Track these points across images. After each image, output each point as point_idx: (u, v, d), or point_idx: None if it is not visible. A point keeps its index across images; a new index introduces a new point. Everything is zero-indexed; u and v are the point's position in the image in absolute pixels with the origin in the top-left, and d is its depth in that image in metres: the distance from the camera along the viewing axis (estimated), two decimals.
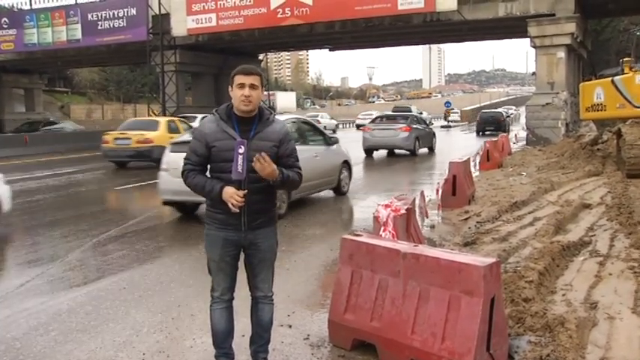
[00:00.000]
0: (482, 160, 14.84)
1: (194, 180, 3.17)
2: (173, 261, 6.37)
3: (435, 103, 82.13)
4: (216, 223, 3.21)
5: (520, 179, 11.92)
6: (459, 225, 7.87)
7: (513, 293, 4.42)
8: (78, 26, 32.63)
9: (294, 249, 6.75)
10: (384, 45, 38.71)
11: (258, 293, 3.35)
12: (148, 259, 6.45)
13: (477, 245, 6.47)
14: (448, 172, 9.33)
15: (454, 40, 36.31)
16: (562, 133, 21.32)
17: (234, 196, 3.04)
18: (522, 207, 8.79)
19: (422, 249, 3.53)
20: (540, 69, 22.55)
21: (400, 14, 24.91)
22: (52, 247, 7.22)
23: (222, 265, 3.24)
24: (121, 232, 7.91)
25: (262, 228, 3.23)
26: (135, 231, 7.99)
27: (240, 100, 3.08)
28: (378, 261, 3.58)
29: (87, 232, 8.00)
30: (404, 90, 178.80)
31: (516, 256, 5.86)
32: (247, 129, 3.12)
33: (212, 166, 3.17)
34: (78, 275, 5.88)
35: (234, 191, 3.05)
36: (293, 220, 8.46)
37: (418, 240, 5.34)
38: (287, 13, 26.73)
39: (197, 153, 3.17)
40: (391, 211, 4.71)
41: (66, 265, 6.25)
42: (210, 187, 3.11)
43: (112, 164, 17.15)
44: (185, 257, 6.51)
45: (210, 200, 3.21)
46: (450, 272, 3.19)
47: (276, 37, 29.35)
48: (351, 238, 3.82)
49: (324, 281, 5.52)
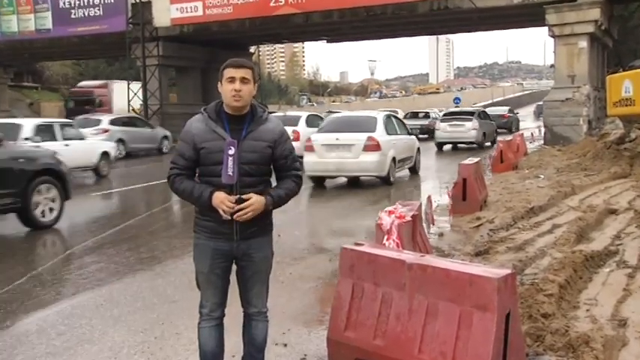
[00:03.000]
0: (495, 162, 14.86)
1: (181, 186, 3.15)
2: (156, 274, 6.36)
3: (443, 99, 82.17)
4: (205, 231, 3.20)
5: (537, 182, 11.93)
6: (469, 233, 7.87)
7: (531, 308, 4.42)
8: (48, 14, 32.33)
9: (288, 260, 6.73)
10: (386, 36, 38.82)
11: (252, 309, 3.34)
12: (128, 273, 6.43)
13: (490, 255, 6.47)
14: (457, 175, 9.35)
15: (464, 30, 36.40)
16: (584, 131, 21.29)
17: (225, 202, 3.03)
18: (540, 213, 8.80)
19: (429, 259, 3.52)
20: (560, 61, 22.54)
21: (404, 2, 25.00)
22: (20, 259, 7.20)
23: (212, 278, 3.23)
24: (98, 243, 7.89)
25: (256, 237, 3.23)
26: (114, 241, 7.98)
27: (230, 95, 3.07)
28: (381, 273, 3.57)
29: (60, 242, 7.98)
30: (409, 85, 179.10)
31: (534, 267, 5.86)
32: (239, 128, 3.11)
33: (201, 169, 3.17)
34: (49, 291, 5.85)
35: (225, 196, 3.04)
36: (287, 229, 8.45)
37: (425, 249, 5.34)
38: (280, 2, 26.80)
39: (184, 156, 3.15)
40: (395, 218, 4.70)
41: (36, 280, 6.21)
42: (199, 193, 3.10)
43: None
44: (170, 270, 6.50)
45: (199, 207, 3.20)
46: (461, 285, 3.18)
47: (269, 27, 29.39)
48: (351, 248, 3.81)
49: (323, 295, 5.51)
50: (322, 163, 12.62)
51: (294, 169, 3.28)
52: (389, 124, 13.55)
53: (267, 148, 3.14)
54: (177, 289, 5.75)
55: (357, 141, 12.39)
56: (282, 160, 3.22)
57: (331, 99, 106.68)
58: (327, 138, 12.75)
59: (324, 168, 12.67)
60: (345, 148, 12.46)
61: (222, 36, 31.22)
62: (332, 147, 12.54)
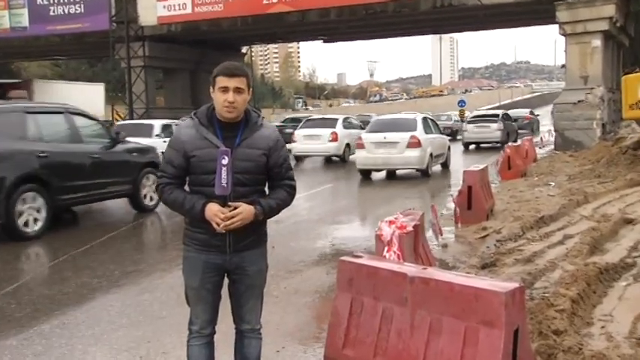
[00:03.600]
0: (502, 169, 14.89)
1: (171, 196, 3.15)
2: (142, 289, 6.35)
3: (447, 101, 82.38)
4: (196, 244, 3.20)
5: (547, 190, 11.96)
6: (475, 244, 7.89)
7: (541, 324, 4.41)
8: (24, 11, 32.11)
9: (283, 273, 6.73)
10: (387, 36, 39.03)
11: (245, 326, 3.34)
12: (112, 288, 6.42)
13: (497, 268, 6.47)
14: (462, 183, 9.37)
15: (469, 28, 36.63)
16: (597, 135, 21.35)
17: (218, 215, 3.03)
18: (550, 223, 8.81)
19: (432, 272, 3.53)
20: (571, 60, 22.57)
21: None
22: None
23: (203, 293, 3.23)
24: (79, 256, 7.87)
25: (250, 250, 3.23)
26: (97, 254, 7.96)
27: (222, 106, 3.07)
28: (381, 286, 3.58)
29: (38, 256, 7.96)
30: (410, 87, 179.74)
31: (544, 280, 5.86)
32: (232, 135, 3.11)
33: (191, 178, 3.17)
34: (26, 308, 5.81)
35: (218, 209, 3.04)
36: (281, 239, 8.44)
37: (428, 262, 5.35)
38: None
39: (173, 164, 3.15)
40: (396, 229, 4.71)
41: (11, 297, 6.18)
42: (191, 205, 3.10)
43: None
44: (156, 285, 6.49)
45: (190, 219, 3.20)
46: (466, 299, 3.18)
47: (262, 26, 29.49)
48: (349, 260, 3.82)
49: (319, 311, 5.51)
50: (371, 158, 15.75)
51: (288, 179, 3.27)
52: (426, 125, 16.62)
53: (262, 156, 3.15)
54: (164, 304, 5.74)
55: (402, 139, 15.47)
56: (277, 169, 3.22)
57: (328, 102, 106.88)
58: (375, 137, 15.83)
59: (373, 162, 15.82)
60: (391, 145, 15.56)
61: (213, 35, 31.34)
62: (380, 144, 15.62)
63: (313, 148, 21.27)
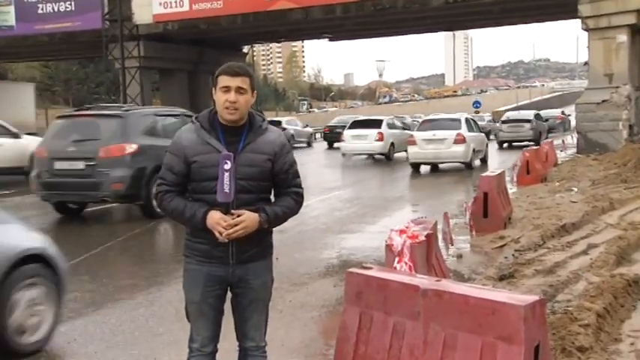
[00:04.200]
0: (520, 173, 14.88)
1: (171, 204, 3.16)
2: (137, 304, 6.36)
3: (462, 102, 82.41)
4: (197, 255, 3.21)
5: (570, 196, 11.94)
6: (492, 254, 7.89)
7: (564, 340, 4.41)
8: (10, 9, 31.94)
9: (287, 286, 6.73)
10: (396, 33, 39.05)
11: (248, 343, 3.34)
12: (105, 303, 6.43)
13: (516, 279, 6.47)
14: (477, 189, 9.36)
15: (484, 24, 36.63)
16: (624, 137, 21.25)
17: (220, 223, 3.04)
18: (573, 231, 8.81)
19: (446, 284, 3.53)
20: (595, 57, 22.46)
21: None
22: None
23: (205, 307, 3.24)
24: (71, 269, 7.87)
25: (254, 261, 3.24)
26: (90, 266, 7.98)
27: (224, 106, 3.09)
28: (392, 300, 3.58)
29: None
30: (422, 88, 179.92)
31: (567, 292, 5.85)
32: (235, 140, 3.13)
33: (192, 186, 3.18)
34: None
35: (220, 217, 3.05)
36: (286, 250, 8.46)
37: (441, 273, 5.35)
38: None
39: (173, 170, 3.16)
40: (407, 238, 4.71)
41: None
42: (192, 213, 3.11)
43: None
44: (153, 299, 6.50)
45: (191, 228, 3.21)
46: (482, 313, 3.18)
47: (264, 24, 29.61)
48: (358, 272, 3.82)
49: (326, 326, 5.52)
50: (422, 153, 19.36)
51: (295, 186, 3.27)
52: (469, 124, 20.21)
53: (267, 162, 3.16)
54: (162, 320, 5.75)
55: (449, 136, 18.91)
56: (283, 175, 3.23)
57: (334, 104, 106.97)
58: (426, 134, 19.47)
59: (424, 156, 19.45)
60: (440, 141, 19.02)
61: (212, 34, 31.45)
62: (430, 141, 19.15)
63: (361, 147, 24.43)
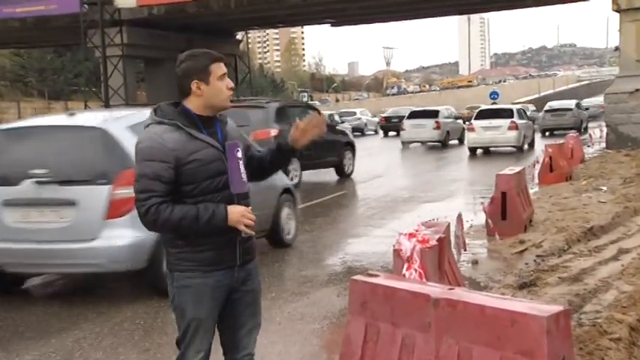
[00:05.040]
0: (543, 171, 14.87)
1: (174, 214, 3.06)
2: (122, 316, 6.35)
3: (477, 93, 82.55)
4: (202, 265, 3.16)
5: (598, 196, 11.92)
6: (511, 260, 7.87)
7: (592, 356, 4.40)
8: None
9: (286, 295, 6.75)
10: (405, 17, 39.08)
11: (241, 352, 3.35)
12: (85, 317, 6.42)
13: (538, 288, 6.45)
14: (495, 189, 9.34)
15: (502, 7, 36.63)
16: None
17: (246, 215, 3.12)
18: (602, 235, 8.79)
19: (460, 293, 3.52)
20: (626, 42, 22.33)
21: None
22: None
23: (210, 323, 3.24)
24: (49, 279, 7.89)
25: (252, 261, 3.36)
26: (66, 278, 7.97)
27: (227, 95, 3.22)
28: (400, 310, 3.58)
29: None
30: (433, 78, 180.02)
31: (595, 302, 5.84)
32: (213, 131, 3.24)
33: (188, 189, 3.11)
34: None
35: (243, 208, 3.14)
36: (285, 256, 8.45)
37: (455, 281, 5.34)
38: None
39: (162, 179, 3.07)
40: (417, 242, 4.71)
41: None
42: (210, 214, 3.06)
43: None
44: (139, 314, 6.47)
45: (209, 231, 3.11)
46: (500, 325, 3.17)
47: (260, 8, 29.64)
48: (363, 280, 3.82)
49: (329, 339, 5.52)
50: (480, 138, 25.04)
51: None
52: (519, 113, 26.27)
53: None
54: (148, 334, 5.74)
55: (504, 123, 24.65)
56: (250, 151, 3.43)
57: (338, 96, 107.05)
58: (483, 122, 25.08)
59: (481, 141, 25.09)
60: (496, 128, 24.66)
61: (202, 19, 31.47)
62: (487, 128, 24.75)
63: (420, 135, 29.85)
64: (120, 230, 6.41)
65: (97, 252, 6.45)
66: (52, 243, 6.51)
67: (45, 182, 6.49)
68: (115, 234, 6.41)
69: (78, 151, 6.76)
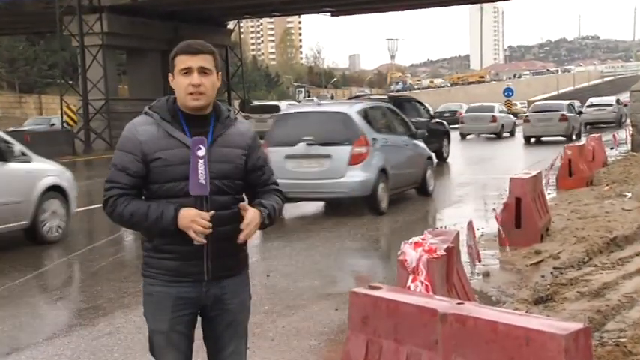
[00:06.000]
0: (561, 175, 14.88)
1: (128, 208, 3.10)
2: (99, 331, 6.35)
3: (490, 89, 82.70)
4: (163, 274, 3.18)
5: (622, 203, 11.93)
6: (526, 272, 7.88)
7: None
8: None
9: (280, 309, 6.75)
10: (411, 7, 39.10)
11: None
12: (60, 330, 6.43)
13: (556, 303, 6.47)
14: (509, 194, 9.35)
15: None
16: None
17: (197, 220, 3.01)
18: (626, 246, 8.81)
19: (470, 308, 3.53)
20: None
21: None
22: None
23: (174, 337, 3.21)
24: (17, 290, 7.89)
25: (231, 277, 3.25)
26: (41, 287, 7.96)
27: (186, 92, 3.12)
28: (404, 326, 3.59)
29: None
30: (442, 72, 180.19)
31: (618, 320, 5.85)
32: (202, 132, 3.13)
33: (153, 189, 3.14)
34: None
35: (196, 213, 3.02)
36: (279, 265, 8.46)
37: (464, 294, 5.34)
38: None
39: (128, 171, 3.11)
40: (423, 252, 4.71)
41: None
42: (159, 214, 3.06)
43: None
44: (119, 325, 6.49)
45: (158, 234, 3.16)
46: (514, 344, 3.18)
47: None
48: (364, 293, 3.83)
49: (326, 356, 5.53)
50: (534, 129, 31.36)
51: (274, 183, 3.35)
52: (569, 107, 33.32)
53: (241, 157, 3.20)
54: (129, 350, 5.75)
55: (555, 116, 31.30)
56: (258, 172, 3.27)
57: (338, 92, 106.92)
58: (537, 115, 31.75)
59: (535, 131, 31.45)
60: (548, 120, 31.20)
61: (189, 6, 31.45)
62: (540, 120, 31.35)
63: (478, 127, 36.54)
64: (356, 172, 11.69)
65: (343, 185, 11.69)
66: (315, 180, 11.82)
67: (312, 144, 11.84)
68: (354, 174, 11.67)
69: (331, 125, 12.32)
